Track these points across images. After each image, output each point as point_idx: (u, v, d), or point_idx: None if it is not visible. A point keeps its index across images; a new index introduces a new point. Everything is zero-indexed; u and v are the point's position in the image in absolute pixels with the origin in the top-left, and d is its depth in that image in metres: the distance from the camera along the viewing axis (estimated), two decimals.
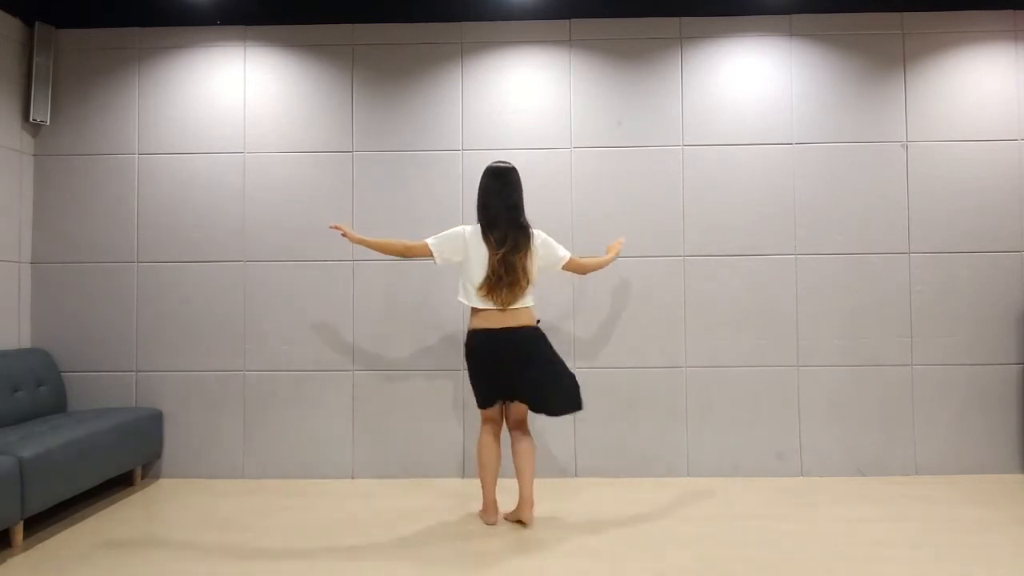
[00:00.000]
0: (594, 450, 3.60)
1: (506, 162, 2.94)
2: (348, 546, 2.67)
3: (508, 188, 2.86)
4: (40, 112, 3.61)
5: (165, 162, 3.71)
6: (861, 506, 3.10)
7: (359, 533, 2.81)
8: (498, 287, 2.77)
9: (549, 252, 2.93)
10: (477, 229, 2.86)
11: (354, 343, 3.65)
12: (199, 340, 3.66)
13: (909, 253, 3.62)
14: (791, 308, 3.62)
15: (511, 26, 3.70)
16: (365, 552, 2.60)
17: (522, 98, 3.70)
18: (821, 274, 3.62)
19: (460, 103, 3.70)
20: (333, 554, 2.59)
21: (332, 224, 3.12)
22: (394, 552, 2.61)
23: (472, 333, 2.85)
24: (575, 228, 3.64)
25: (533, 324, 2.88)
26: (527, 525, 2.87)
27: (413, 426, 3.63)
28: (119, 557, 2.58)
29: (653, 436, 3.60)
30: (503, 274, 2.77)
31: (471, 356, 2.88)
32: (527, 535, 2.77)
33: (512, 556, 2.56)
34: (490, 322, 2.81)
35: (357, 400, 3.64)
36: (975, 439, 3.57)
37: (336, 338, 3.65)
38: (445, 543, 2.69)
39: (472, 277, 2.82)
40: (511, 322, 2.81)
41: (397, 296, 3.66)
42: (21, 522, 2.64)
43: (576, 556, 2.55)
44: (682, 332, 3.63)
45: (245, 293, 3.67)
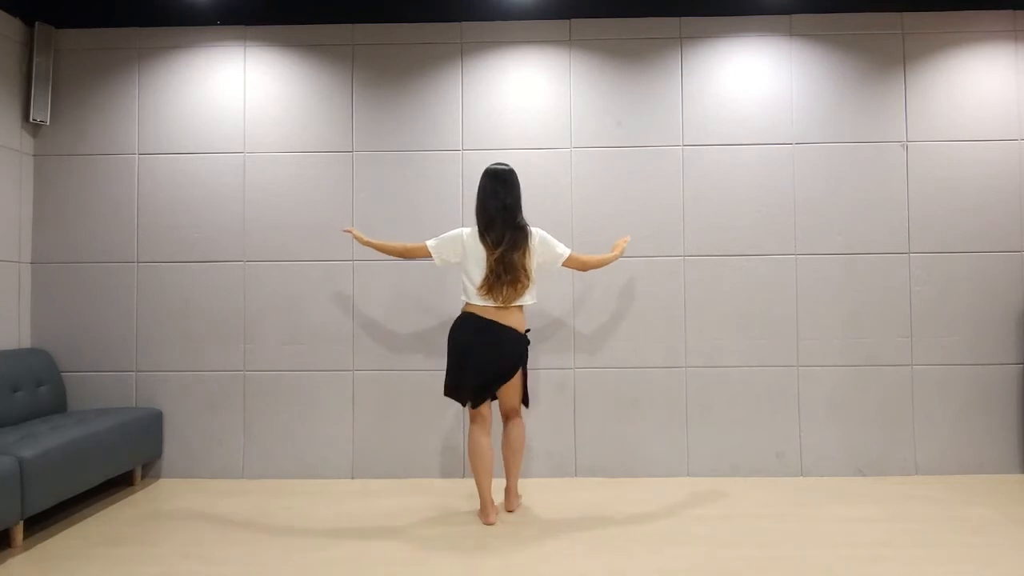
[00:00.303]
0: (594, 450, 3.60)
1: (505, 164, 2.99)
2: (348, 546, 2.67)
3: (505, 188, 2.91)
4: (40, 112, 3.61)
5: (165, 162, 3.71)
6: (861, 506, 3.10)
7: (359, 533, 2.81)
8: (498, 285, 2.84)
9: (548, 250, 2.98)
10: (475, 231, 2.93)
11: (354, 343, 3.65)
12: (199, 340, 3.66)
13: (909, 253, 3.62)
14: (791, 308, 3.62)
15: (511, 26, 3.70)
16: (365, 552, 2.60)
17: (522, 98, 3.70)
18: (821, 274, 3.62)
19: (460, 103, 3.70)
20: (333, 554, 2.59)
21: (344, 228, 3.34)
22: (394, 552, 2.61)
23: (461, 314, 2.97)
24: (575, 228, 3.64)
25: (522, 331, 2.94)
26: (512, 512, 3.02)
27: (413, 426, 3.63)
28: (119, 557, 2.58)
29: (653, 436, 3.61)
30: (502, 273, 2.83)
31: (451, 333, 2.96)
32: (527, 535, 2.77)
33: (511, 556, 2.56)
34: (485, 313, 2.89)
35: (357, 400, 3.64)
36: (975, 439, 3.58)
37: (336, 338, 3.65)
38: (445, 543, 2.69)
39: (472, 277, 2.90)
40: (505, 321, 2.89)
41: (397, 296, 3.66)
42: (21, 522, 2.65)
43: (576, 556, 2.55)
44: (682, 332, 3.63)
45: (245, 293, 3.67)
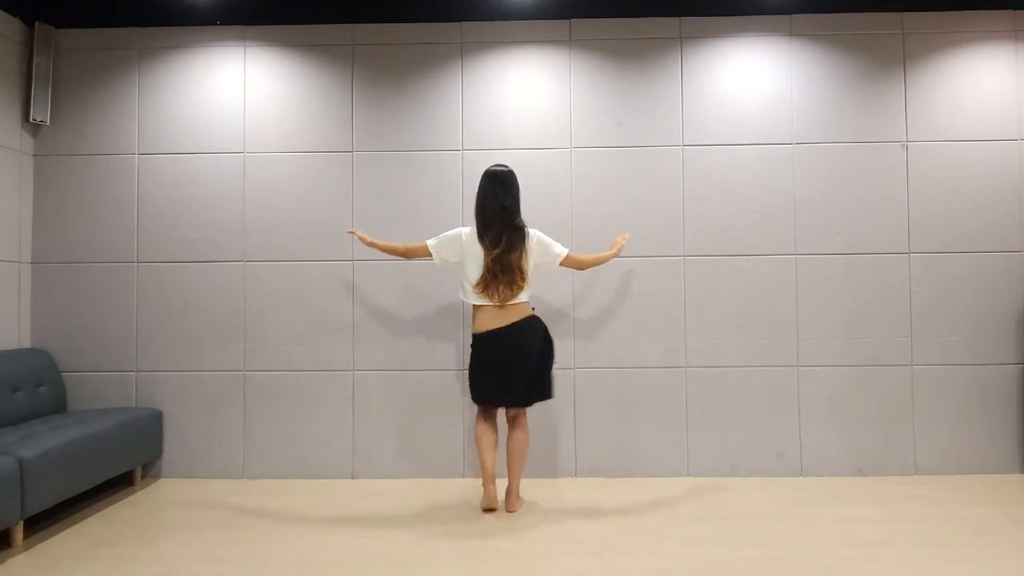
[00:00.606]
0: (594, 450, 3.60)
1: (504, 166, 3.07)
2: (348, 546, 2.67)
3: (504, 189, 2.98)
4: (40, 112, 3.61)
5: (165, 162, 3.71)
6: (861, 506, 3.10)
7: (359, 533, 2.81)
8: (494, 284, 2.93)
9: (545, 250, 3.05)
10: (474, 231, 3.01)
11: (354, 343, 3.65)
12: (199, 340, 3.66)
13: (909, 253, 3.62)
14: (791, 308, 3.62)
15: (511, 26, 3.70)
16: (365, 551, 2.60)
17: (522, 98, 3.70)
18: (821, 274, 3.62)
19: (460, 103, 3.70)
20: (333, 554, 2.59)
21: (348, 229, 3.44)
22: (394, 551, 2.61)
23: (475, 337, 3.05)
24: (575, 228, 3.64)
25: (530, 314, 3.02)
26: (513, 512, 3.04)
27: (413, 426, 3.63)
28: (119, 557, 2.58)
29: (653, 436, 3.61)
30: (499, 273, 2.92)
31: (473, 357, 3.08)
32: (527, 535, 2.77)
33: (511, 556, 2.56)
34: (490, 322, 2.99)
35: (357, 400, 3.64)
36: (975, 439, 3.58)
37: (336, 338, 3.65)
38: (445, 543, 2.69)
39: (469, 276, 3.00)
40: (509, 318, 2.97)
41: (397, 296, 3.66)
42: (21, 522, 2.64)
43: (576, 555, 2.55)
44: (682, 332, 3.63)
45: (245, 293, 3.67)
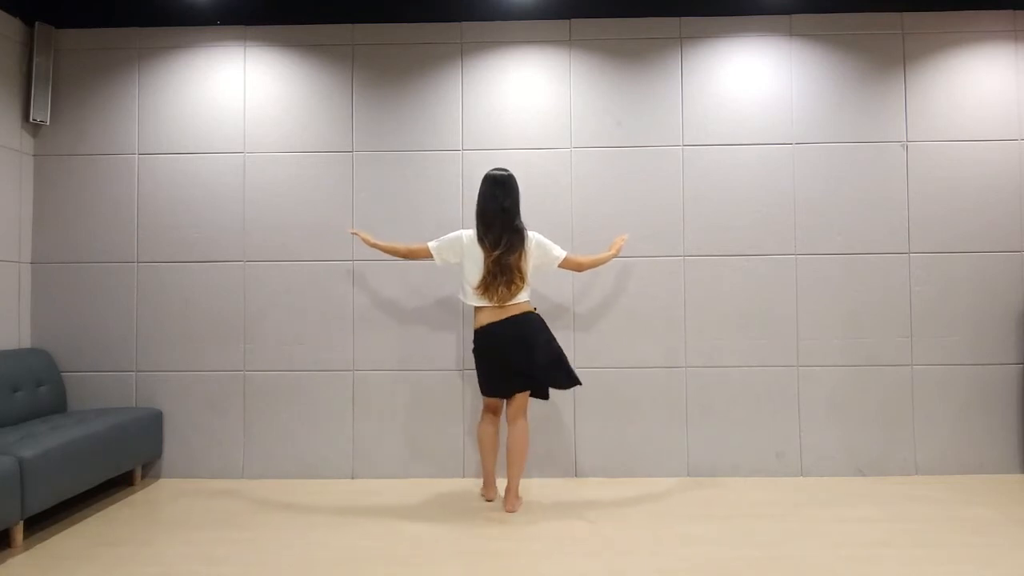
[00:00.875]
0: (594, 450, 3.60)
1: (504, 170, 3.14)
2: (348, 546, 2.67)
3: (504, 192, 3.06)
4: (40, 112, 3.61)
5: (165, 162, 3.71)
6: (861, 506, 3.10)
7: (359, 533, 2.81)
8: (493, 285, 2.99)
9: (544, 252, 3.11)
10: (474, 233, 3.08)
11: (354, 343, 3.65)
12: (199, 340, 3.66)
13: (909, 253, 3.62)
14: (791, 308, 3.62)
15: (511, 26, 3.70)
16: (365, 552, 2.60)
17: (522, 98, 3.70)
18: (821, 274, 3.62)
19: (460, 103, 3.70)
20: (333, 554, 2.59)
21: (351, 230, 3.51)
22: (394, 551, 2.61)
23: (476, 332, 3.08)
24: (575, 228, 3.64)
25: (529, 310, 3.08)
26: (512, 512, 3.04)
27: (413, 426, 3.63)
28: (119, 557, 2.58)
29: (653, 436, 3.61)
30: (498, 273, 2.98)
31: (476, 352, 3.11)
32: (527, 535, 2.77)
33: (511, 556, 2.56)
34: (489, 318, 3.04)
35: (357, 400, 3.64)
36: (975, 439, 3.58)
37: (336, 338, 3.65)
38: (445, 543, 2.69)
39: (469, 278, 3.05)
40: (509, 313, 3.03)
41: (397, 296, 3.66)
42: (21, 522, 2.65)
43: (576, 555, 2.55)
44: (682, 332, 3.63)
45: (245, 293, 3.67)
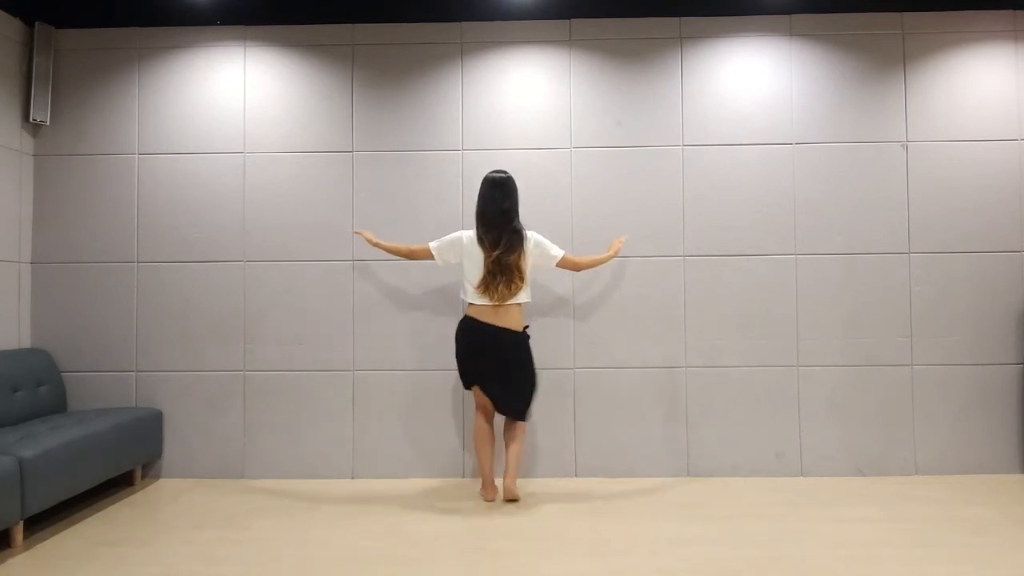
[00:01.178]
0: (594, 450, 3.60)
1: (503, 172, 3.21)
2: (348, 546, 2.67)
3: (503, 193, 3.15)
4: (40, 112, 3.61)
5: (165, 162, 3.71)
6: (861, 506, 3.10)
7: (359, 533, 2.81)
8: (493, 284, 3.08)
9: (542, 251, 3.20)
10: (474, 233, 3.17)
11: (354, 343, 3.65)
12: (199, 340, 3.66)
13: (909, 253, 3.62)
14: (791, 308, 3.62)
15: (511, 26, 3.70)
16: (365, 552, 2.60)
17: (522, 98, 3.70)
18: (821, 274, 3.62)
19: (460, 103, 3.70)
20: (333, 554, 2.59)
21: (354, 230, 3.57)
22: (394, 551, 2.61)
23: (464, 318, 3.19)
24: (575, 228, 3.64)
25: (521, 329, 3.15)
26: (515, 501, 3.17)
27: (413, 426, 3.63)
28: (119, 557, 2.58)
29: (653, 436, 3.61)
30: (498, 273, 3.06)
31: (459, 336, 3.21)
32: (527, 534, 2.77)
33: (511, 555, 2.56)
34: (483, 315, 3.11)
35: (357, 400, 3.64)
36: (975, 439, 3.57)
37: (336, 338, 3.65)
38: (445, 543, 2.69)
39: (470, 277, 3.14)
40: (501, 321, 3.11)
41: (397, 296, 3.66)
42: (21, 522, 2.64)
43: (575, 556, 2.55)
44: (682, 332, 3.63)
45: (245, 293, 3.67)
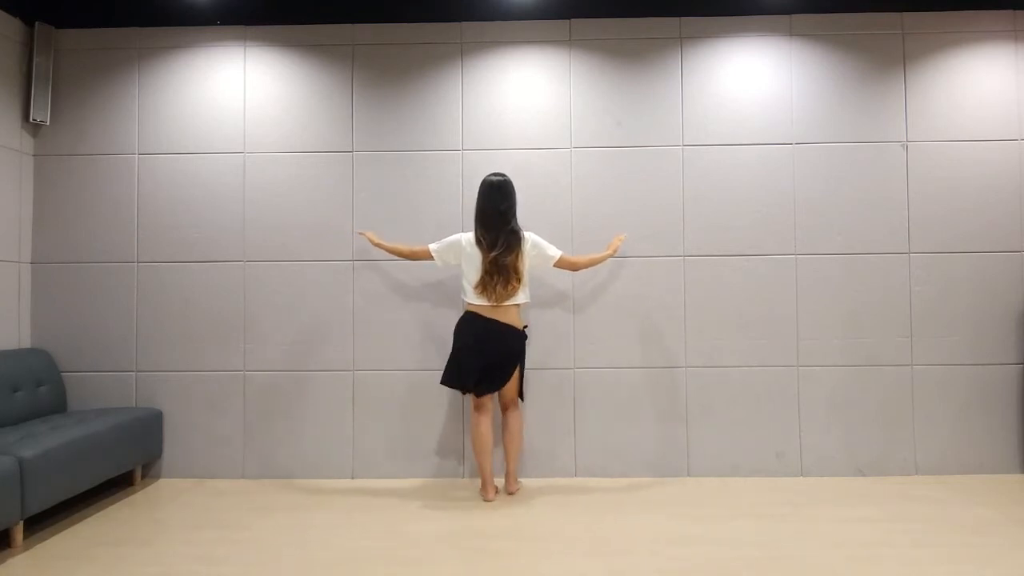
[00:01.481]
0: (594, 450, 3.60)
1: (501, 174, 3.26)
2: (348, 546, 2.67)
3: (501, 195, 3.20)
4: (40, 112, 3.61)
5: (165, 162, 3.71)
6: (861, 506, 3.10)
7: (359, 533, 2.81)
8: (491, 285, 3.15)
9: (539, 252, 3.26)
10: (473, 235, 3.23)
11: (354, 343, 3.65)
12: (199, 340, 3.66)
13: (909, 253, 3.62)
14: (791, 308, 3.62)
15: (511, 26, 3.70)
16: (365, 552, 2.61)
17: (522, 98, 3.70)
18: (821, 274, 3.62)
19: (460, 103, 3.70)
20: (333, 554, 2.59)
21: (359, 231, 3.59)
22: (394, 552, 2.61)
23: (465, 313, 3.26)
24: (575, 228, 3.64)
25: (520, 328, 3.23)
26: (513, 494, 3.27)
27: (413, 426, 3.63)
28: (119, 557, 2.58)
29: (653, 436, 3.61)
30: (495, 273, 3.12)
31: (459, 329, 3.25)
32: (527, 535, 2.77)
33: (511, 555, 2.56)
34: (484, 312, 3.19)
35: (357, 400, 3.64)
36: (975, 439, 3.58)
37: (336, 338, 3.65)
38: (445, 543, 2.69)
39: (469, 278, 3.22)
40: (502, 318, 3.18)
41: (397, 296, 3.66)
42: (21, 522, 2.65)
43: (575, 556, 2.55)
44: (682, 332, 3.63)
45: (245, 293, 3.67)
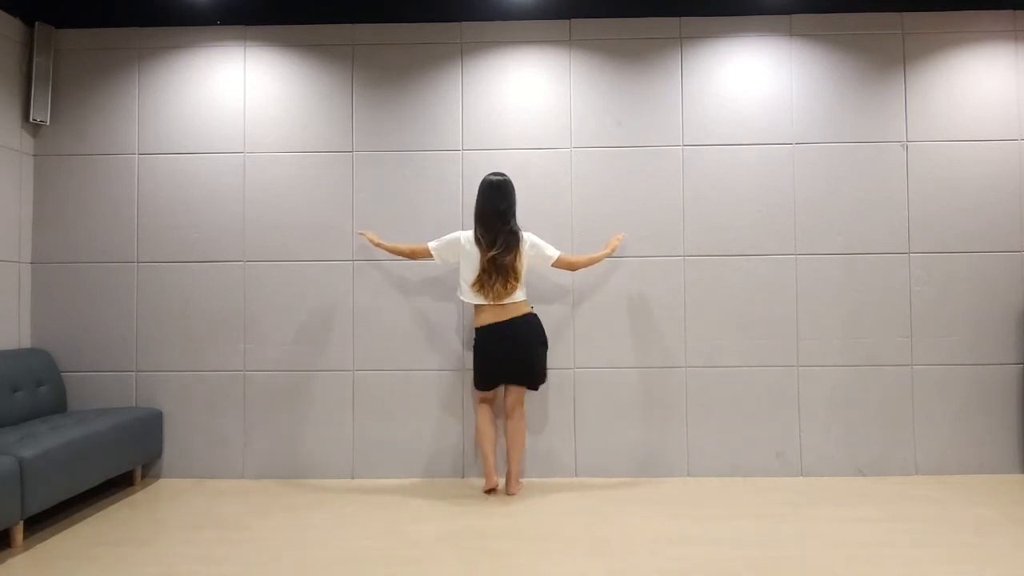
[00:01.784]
0: (594, 450, 3.60)
1: (501, 174, 3.27)
2: (348, 546, 2.67)
3: (500, 195, 3.22)
4: (40, 112, 3.61)
5: (165, 162, 3.71)
6: (861, 506, 3.10)
7: (359, 533, 2.81)
8: (489, 284, 3.17)
9: (538, 252, 3.30)
10: (472, 234, 3.24)
11: (354, 343, 3.65)
12: (199, 340, 3.66)
13: (909, 253, 3.62)
14: (791, 308, 3.62)
15: (511, 26, 3.70)
16: (365, 552, 2.60)
17: (522, 98, 3.70)
18: (821, 274, 3.62)
19: (460, 103, 3.70)
20: (333, 554, 2.59)
21: (359, 231, 3.58)
22: (394, 552, 2.61)
23: (479, 330, 3.26)
24: (575, 228, 3.64)
25: (529, 312, 3.26)
26: (513, 495, 3.27)
27: (413, 426, 3.63)
28: (119, 557, 2.58)
29: (653, 436, 3.61)
30: (493, 272, 3.14)
31: (477, 349, 3.29)
32: (527, 534, 2.77)
33: (511, 555, 2.56)
34: (491, 318, 3.21)
35: (357, 400, 3.64)
36: (975, 439, 3.57)
37: (336, 338, 3.65)
38: (445, 543, 2.69)
39: (466, 276, 3.24)
40: (509, 314, 3.20)
41: (397, 296, 3.66)
42: (21, 522, 2.65)
43: (575, 556, 2.55)
44: (682, 332, 3.63)
45: (245, 293, 3.67)
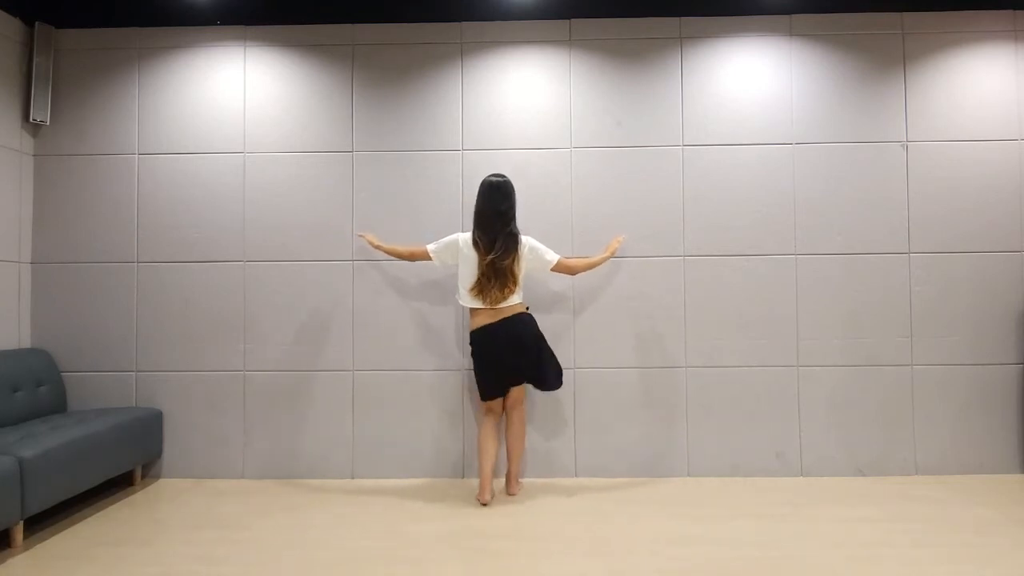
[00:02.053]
0: (594, 450, 3.60)
1: (501, 175, 3.23)
2: (348, 546, 2.67)
3: (500, 196, 3.16)
4: (40, 112, 3.61)
5: (165, 162, 3.71)
6: (861, 506, 3.10)
7: (359, 533, 2.81)
8: (487, 288, 3.11)
9: (537, 256, 3.24)
10: (470, 237, 3.19)
11: (354, 343, 3.65)
12: (199, 340, 3.66)
13: (909, 253, 3.62)
14: (791, 308, 3.62)
15: (511, 26, 3.70)
16: (365, 552, 2.60)
17: (522, 98, 3.70)
18: (821, 274, 3.62)
19: (460, 103, 3.70)
20: (333, 554, 2.59)
21: (359, 233, 3.56)
22: (394, 552, 2.61)
23: (472, 334, 3.20)
24: (575, 228, 3.64)
25: (523, 311, 3.21)
26: (513, 495, 3.28)
27: (413, 426, 3.63)
28: (119, 557, 2.58)
29: (653, 436, 3.61)
30: (492, 276, 3.09)
31: (474, 353, 3.23)
32: (527, 534, 2.77)
33: (511, 555, 2.56)
34: (485, 319, 3.16)
35: (357, 400, 3.64)
36: (975, 439, 3.58)
37: (336, 338, 3.65)
38: (445, 543, 2.69)
39: (464, 279, 3.18)
40: (503, 315, 3.14)
41: (397, 296, 3.66)
42: (21, 522, 2.65)
43: (575, 556, 2.55)
44: (682, 332, 3.63)
45: (245, 293, 3.67)
